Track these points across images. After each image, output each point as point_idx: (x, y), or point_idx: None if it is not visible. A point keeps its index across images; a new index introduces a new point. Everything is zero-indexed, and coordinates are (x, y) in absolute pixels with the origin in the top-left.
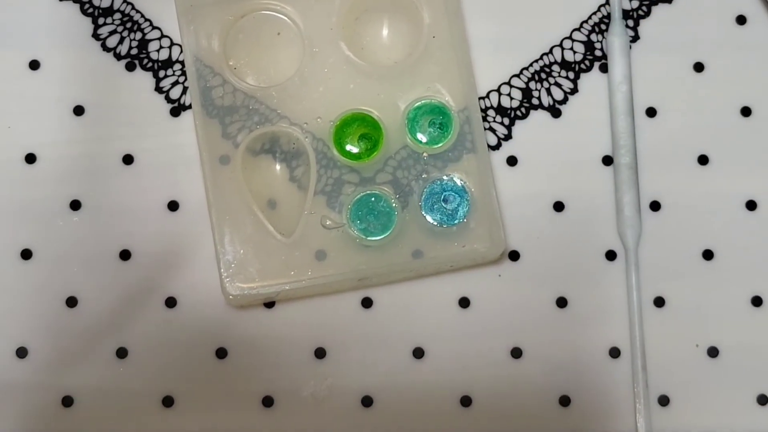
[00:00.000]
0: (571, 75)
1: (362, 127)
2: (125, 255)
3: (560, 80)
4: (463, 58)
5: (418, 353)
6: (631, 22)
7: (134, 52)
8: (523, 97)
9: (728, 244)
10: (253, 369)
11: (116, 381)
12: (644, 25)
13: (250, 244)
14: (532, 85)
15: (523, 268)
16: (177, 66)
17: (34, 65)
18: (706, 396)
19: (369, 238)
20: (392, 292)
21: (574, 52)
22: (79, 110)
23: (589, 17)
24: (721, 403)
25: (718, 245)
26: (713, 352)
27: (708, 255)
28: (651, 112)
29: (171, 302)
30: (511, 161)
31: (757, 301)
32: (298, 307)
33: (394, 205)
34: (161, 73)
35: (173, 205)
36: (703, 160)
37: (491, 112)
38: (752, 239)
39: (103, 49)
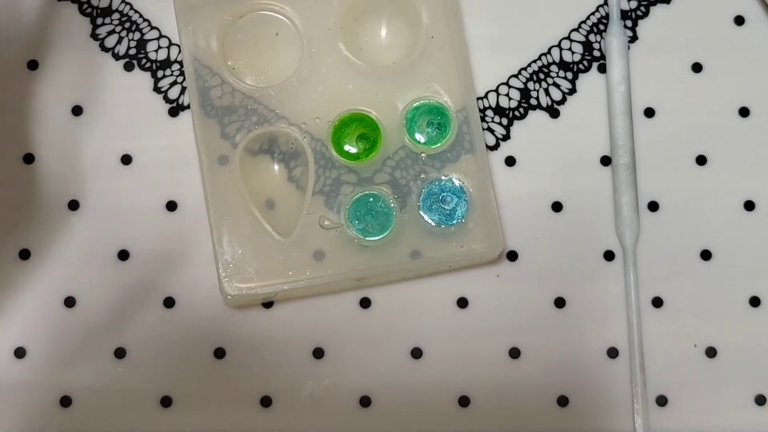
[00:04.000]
0: (570, 75)
1: (361, 128)
2: (124, 255)
3: (558, 81)
4: (461, 59)
5: (417, 353)
6: (629, 23)
7: (133, 52)
8: (522, 97)
9: (726, 244)
10: (251, 369)
11: (115, 381)
12: (642, 26)
13: (249, 244)
14: (530, 85)
15: (521, 269)
16: (175, 66)
17: (33, 65)
18: (704, 396)
19: (367, 239)
20: (390, 292)
21: (573, 53)
22: (77, 110)
23: (587, 18)
24: (719, 403)
25: (716, 245)
26: (711, 352)
27: (706, 255)
28: (649, 113)
29: (169, 302)
30: (510, 161)
31: (755, 301)
32: (296, 307)
33: (392, 205)
34: (160, 73)
35: (171, 205)
36: (701, 160)
37: (489, 113)
38: (750, 239)
39: (102, 49)
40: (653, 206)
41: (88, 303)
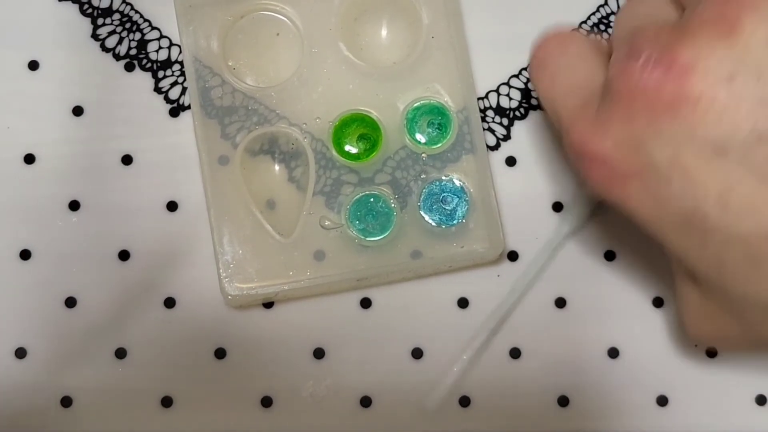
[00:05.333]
0: None
1: (361, 128)
2: (124, 255)
3: None
4: (462, 59)
5: (417, 353)
6: None
7: (133, 52)
8: (522, 97)
9: None
10: (252, 369)
11: (115, 381)
12: None
13: (249, 245)
14: (531, 85)
15: (522, 269)
16: (176, 66)
17: (33, 65)
18: (705, 396)
19: (368, 239)
20: (391, 292)
21: None
22: (78, 110)
23: (588, 18)
24: (719, 403)
25: None
26: (712, 352)
27: None
28: None
29: (170, 302)
30: (510, 162)
31: None
32: (296, 307)
33: (392, 205)
34: (160, 74)
35: (172, 206)
36: None
37: (490, 113)
38: None
39: (102, 50)
40: None
41: (89, 303)
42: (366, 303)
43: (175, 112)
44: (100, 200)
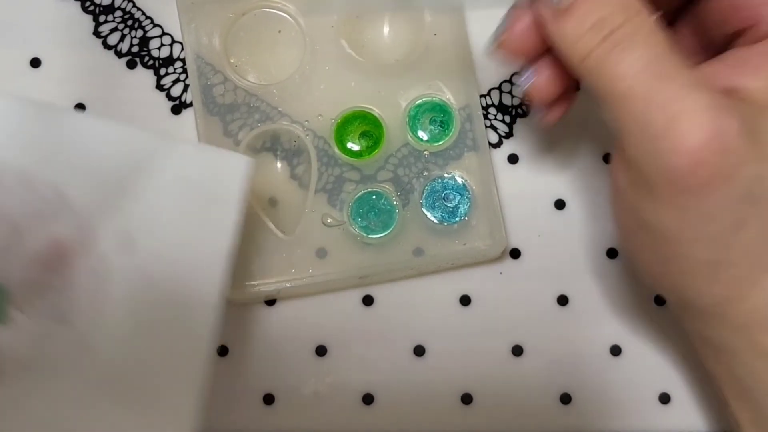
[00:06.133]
0: None
1: (363, 125)
2: None
3: None
4: (464, 56)
5: (419, 351)
6: None
7: (135, 49)
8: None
9: None
10: (254, 367)
11: None
12: None
13: (251, 242)
14: None
15: (524, 266)
16: (178, 64)
17: (36, 63)
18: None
19: (370, 236)
20: (393, 289)
21: None
22: (80, 108)
23: None
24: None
25: None
26: None
27: None
28: None
29: None
30: (512, 159)
31: None
32: (299, 304)
33: (395, 202)
34: (162, 71)
35: None
36: None
37: (492, 110)
38: None
39: (104, 47)
40: None
41: None
42: (368, 300)
43: (177, 110)
44: None
